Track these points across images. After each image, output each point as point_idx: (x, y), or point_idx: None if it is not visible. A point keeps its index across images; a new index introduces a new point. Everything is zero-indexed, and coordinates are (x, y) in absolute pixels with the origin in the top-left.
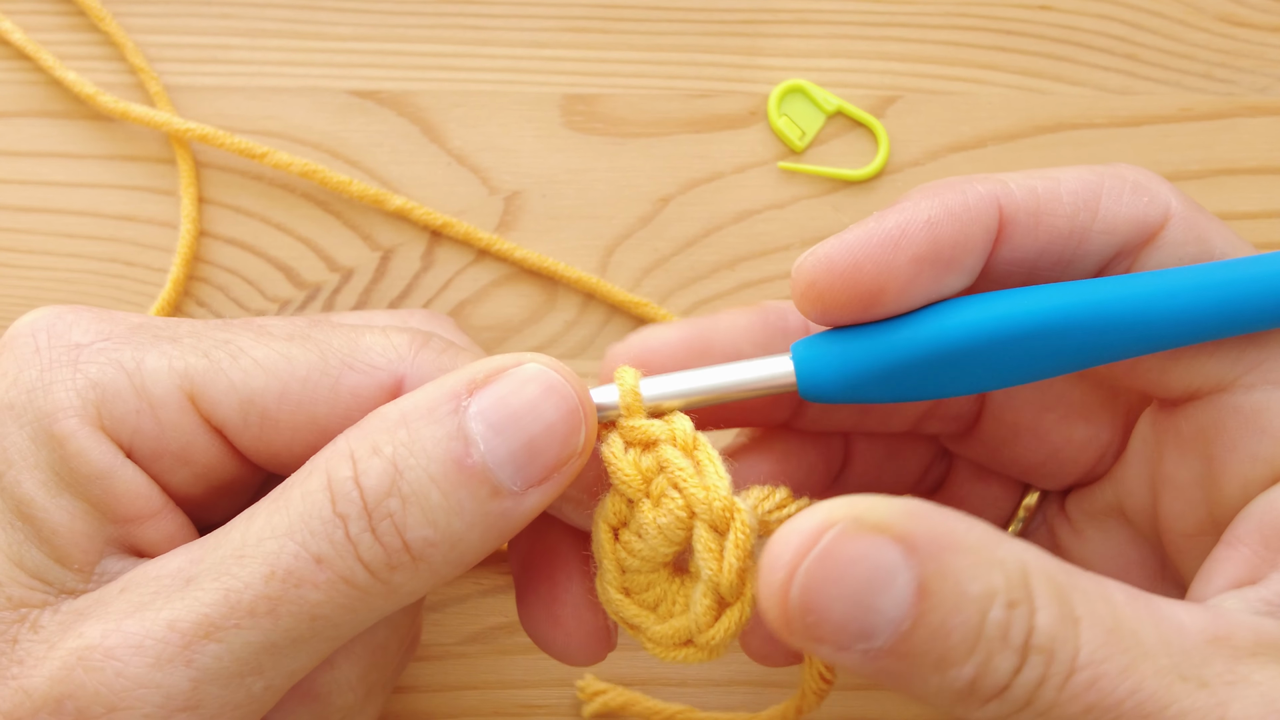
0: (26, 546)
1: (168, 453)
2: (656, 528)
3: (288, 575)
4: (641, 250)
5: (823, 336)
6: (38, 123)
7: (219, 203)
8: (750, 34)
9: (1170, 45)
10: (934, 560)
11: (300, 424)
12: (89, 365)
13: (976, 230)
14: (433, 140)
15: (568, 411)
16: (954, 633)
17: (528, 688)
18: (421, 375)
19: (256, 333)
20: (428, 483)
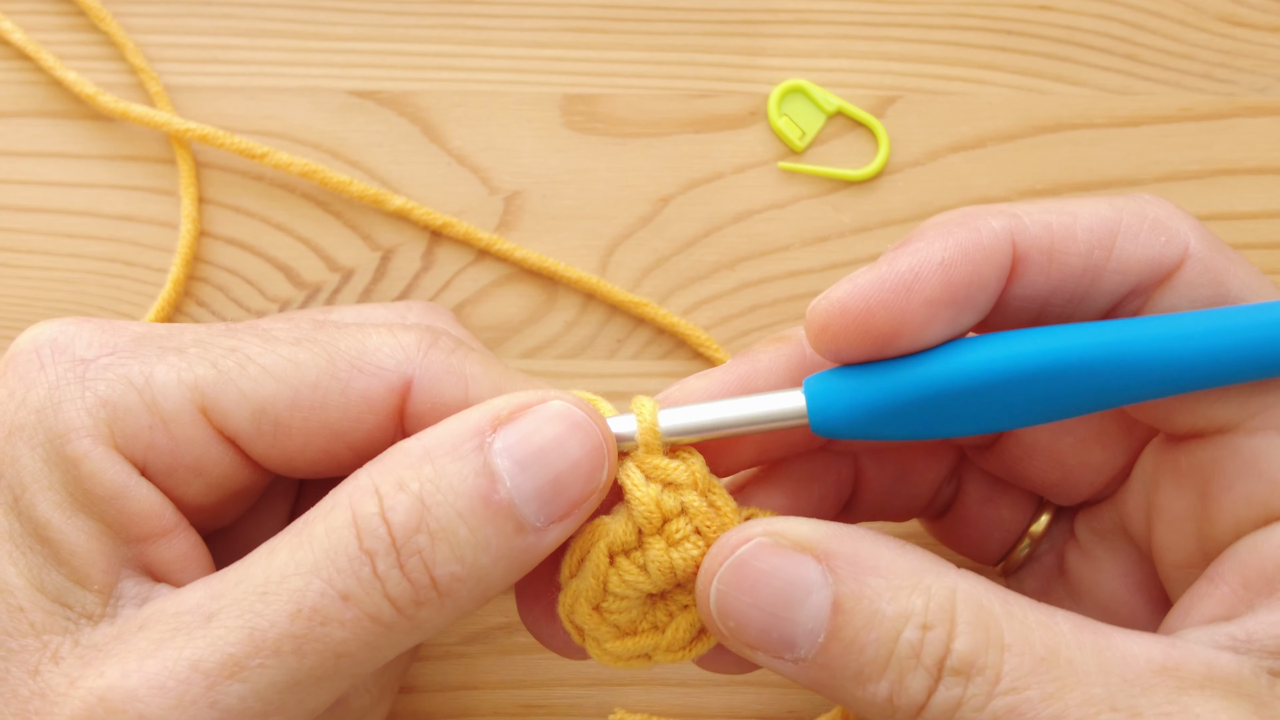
0: (46, 569)
1: (181, 466)
2: (668, 566)
3: (314, 613)
4: (641, 250)
5: (836, 372)
6: (38, 123)
7: (219, 203)
8: (750, 34)
9: (1170, 45)
10: (852, 580)
11: (312, 429)
12: (97, 382)
13: (990, 270)
14: (433, 140)
15: (592, 449)
16: (867, 649)
17: (528, 688)
18: (430, 376)
19: (262, 338)
20: (455, 519)
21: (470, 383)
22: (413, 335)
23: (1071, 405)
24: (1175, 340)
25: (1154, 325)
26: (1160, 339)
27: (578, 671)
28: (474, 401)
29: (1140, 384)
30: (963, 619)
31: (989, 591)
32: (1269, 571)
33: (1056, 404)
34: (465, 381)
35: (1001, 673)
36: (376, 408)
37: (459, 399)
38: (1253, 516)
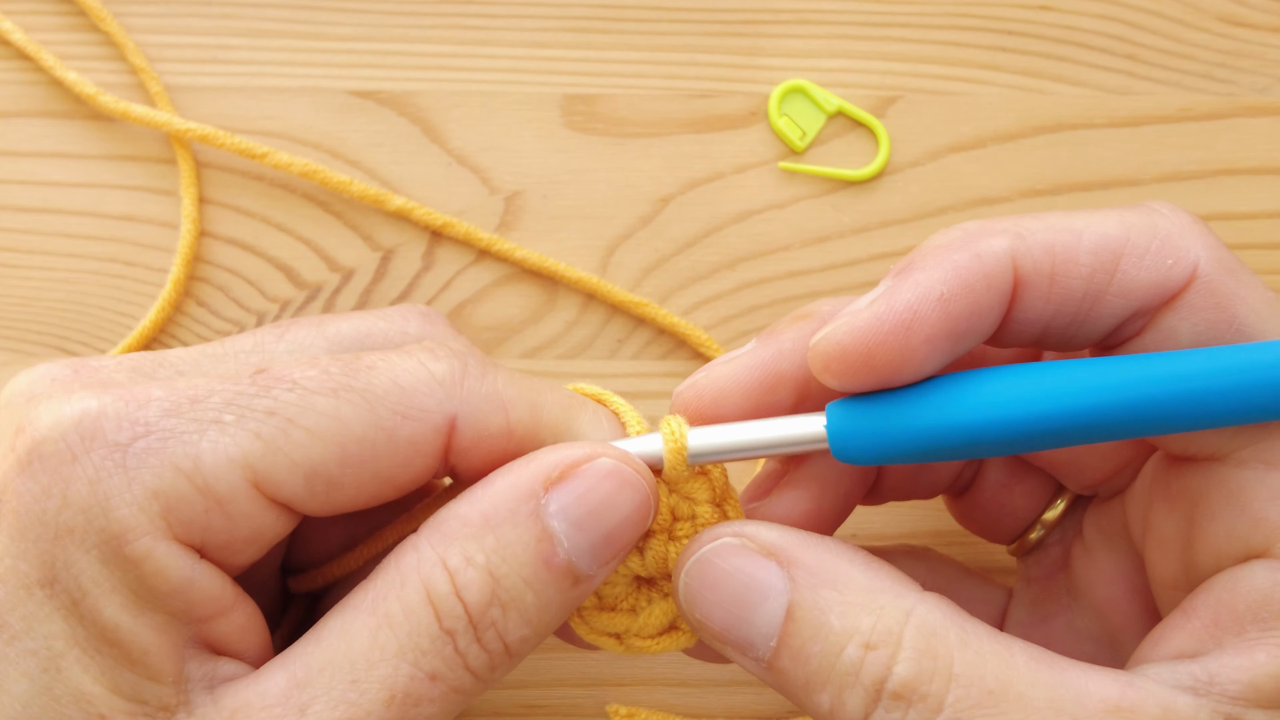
0: (119, 671)
1: (238, 540)
2: (664, 558)
3: (406, 697)
4: (642, 250)
5: (859, 401)
6: (38, 123)
7: (219, 203)
8: (750, 34)
9: (1170, 45)
10: (809, 589)
11: (364, 481)
12: (141, 470)
13: (992, 299)
14: (433, 140)
15: (641, 503)
16: (812, 660)
17: (528, 688)
18: (471, 409)
19: (297, 394)
20: (523, 587)
21: (509, 409)
22: (444, 365)
23: (1077, 441)
24: (1183, 382)
25: (1176, 365)
26: (1178, 378)
27: (578, 671)
28: (515, 427)
29: (1159, 426)
30: (909, 644)
31: (947, 618)
32: (1239, 610)
33: (1067, 441)
34: (504, 408)
35: (945, 703)
36: (424, 451)
37: (501, 427)
38: (1233, 551)
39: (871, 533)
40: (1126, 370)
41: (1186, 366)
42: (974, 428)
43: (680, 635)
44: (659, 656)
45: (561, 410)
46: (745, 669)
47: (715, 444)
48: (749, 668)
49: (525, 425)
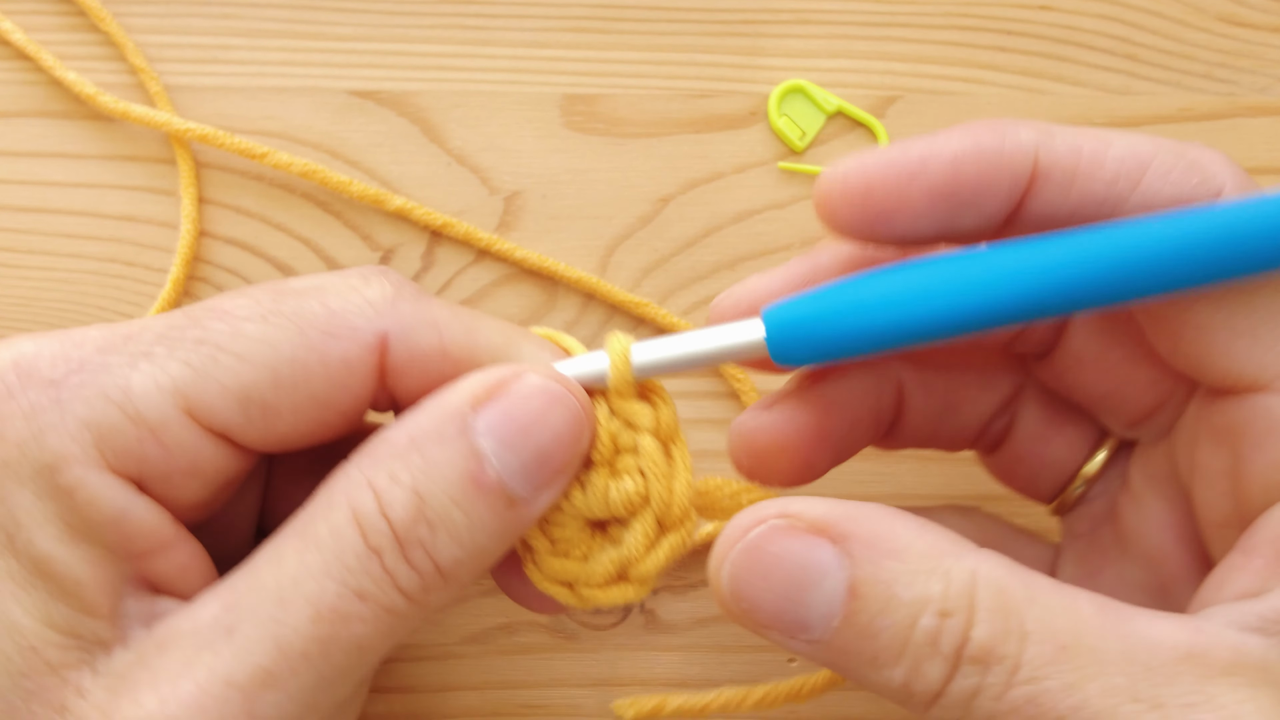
0: (52, 604)
1: (176, 472)
2: (605, 496)
3: (333, 614)
4: (642, 250)
5: (796, 302)
6: (38, 123)
7: (219, 203)
8: (750, 34)
9: (1170, 45)
10: (869, 563)
11: (299, 403)
12: (74, 403)
13: (1003, 177)
14: (433, 140)
15: (572, 419)
16: (882, 635)
17: (528, 688)
18: (403, 327)
19: (226, 323)
20: (450, 505)
21: (442, 329)
22: (376, 289)
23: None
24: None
25: (1133, 235)
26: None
27: (578, 671)
28: (449, 347)
29: (1126, 294)
30: (982, 605)
31: (1010, 574)
32: None
33: (1035, 316)
34: (438, 328)
35: (1021, 661)
36: (357, 369)
37: (435, 347)
38: None
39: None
40: (1060, 247)
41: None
42: (910, 322)
43: (629, 587)
44: (659, 657)
45: (500, 335)
46: (787, 648)
47: (659, 356)
48: (793, 647)
49: (461, 346)
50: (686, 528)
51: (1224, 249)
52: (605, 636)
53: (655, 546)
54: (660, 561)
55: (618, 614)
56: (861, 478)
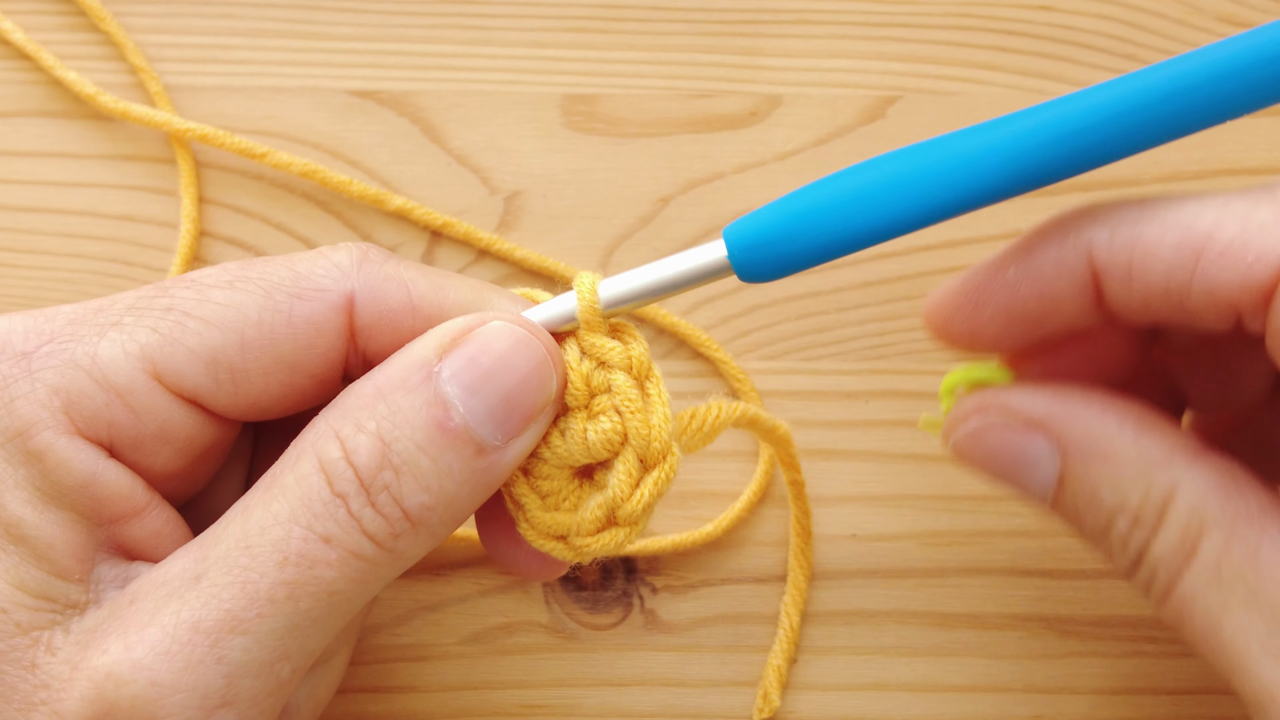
0: (24, 567)
1: (147, 437)
2: (584, 440)
3: (300, 558)
4: (641, 250)
5: (755, 217)
6: (38, 123)
7: (219, 203)
8: (750, 34)
9: (1170, 45)
10: (1079, 462)
11: (268, 367)
12: (44, 372)
13: (1063, 288)
14: (433, 140)
15: (538, 363)
16: (1085, 525)
17: (528, 688)
18: (370, 286)
19: (194, 290)
20: (416, 451)
21: (410, 285)
22: (343, 253)
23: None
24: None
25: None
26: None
27: (578, 672)
28: (418, 303)
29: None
30: (1171, 522)
31: (1210, 495)
32: None
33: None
34: (406, 286)
35: (1182, 572)
36: (325, 330)
37: (403, 303)
38: None
39: (872, 533)
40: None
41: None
42: (870, 225)
43: (619, 530)
44: (659, 656)
45: (470, 289)
46: None
47: (626, 288)
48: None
49: (430, 302)
50: (670, 463)
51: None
52: (605, 636)
53: (640, 485)
54: (646, 499)
55: (617, 614)
56: (861, 477)
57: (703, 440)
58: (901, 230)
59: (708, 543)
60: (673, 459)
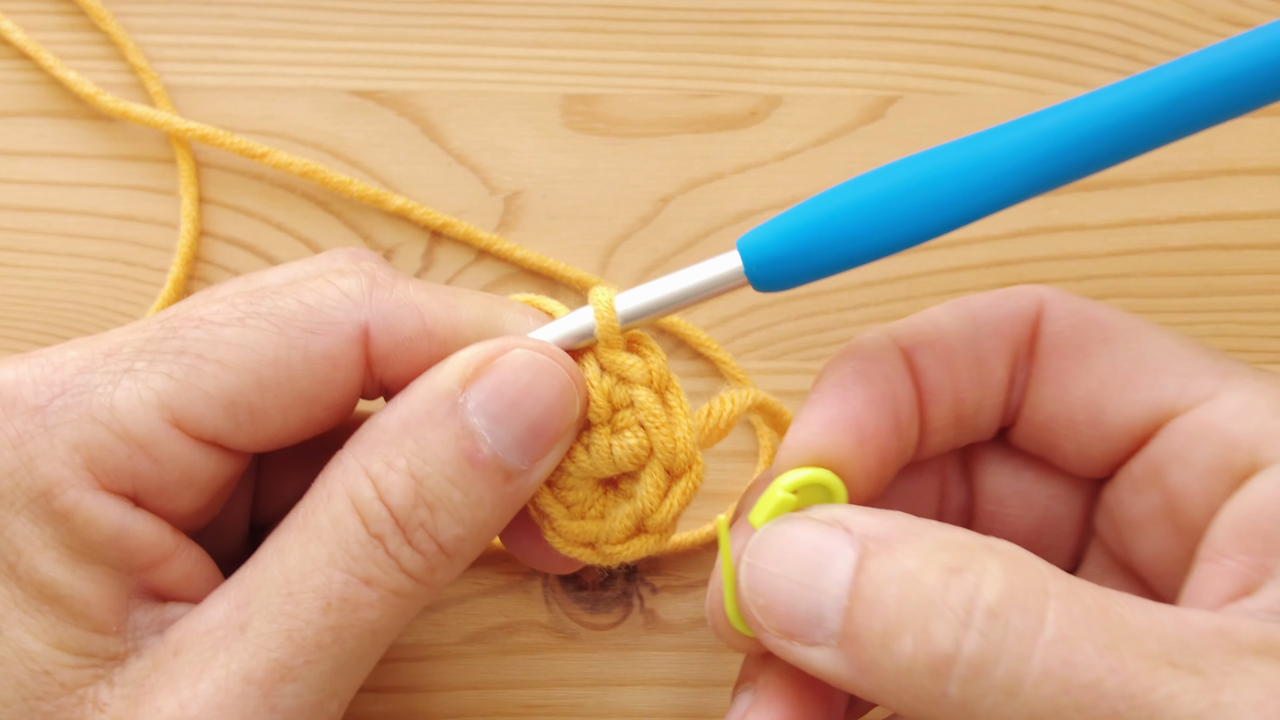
0: (62, 627)
1: (170, 483)
2: (609, 454)
3: (343, 603)
4: (642, 250)
5: (770, 227)
6: (38, 122)
7: (219, 202)
8: (750, 34)
9: (1171, 45)
10: (880, 543)
11: (287, 403)
12: (61, 427)
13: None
14: (433, 140)
15: (562, 389)
16: (890, 604)
17: (528, 688)
18: (383, 315)
19: (204, 330)
20: (448, 486)
21: (423, 310)
22: (351, 280)
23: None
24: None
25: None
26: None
27: (578, 671)
28: (431, 327)
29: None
30: (995, 566)
31: (1030, 554)
32: (1267, 530)
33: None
34: (418, 311)
35: (1045, 619)
36: (341, 363)
37: (417, 329)
38: (1221, 486)
39: None
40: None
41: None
42: (885, 237)
43: (649, 538)
44: (659, 656)
45: (481, 308)
46: (815, 671)
47: (643, 301)
48: (815, 661)
49: (444, 325)
50: (695, 471)
51: None
52: (605, 636)
53: (668, 495)
54: (675, 509)
55: (618, 614)
56: None
57: (720, 435)
58: (919, 240)
59: (708, 543)
60: (698, 467)
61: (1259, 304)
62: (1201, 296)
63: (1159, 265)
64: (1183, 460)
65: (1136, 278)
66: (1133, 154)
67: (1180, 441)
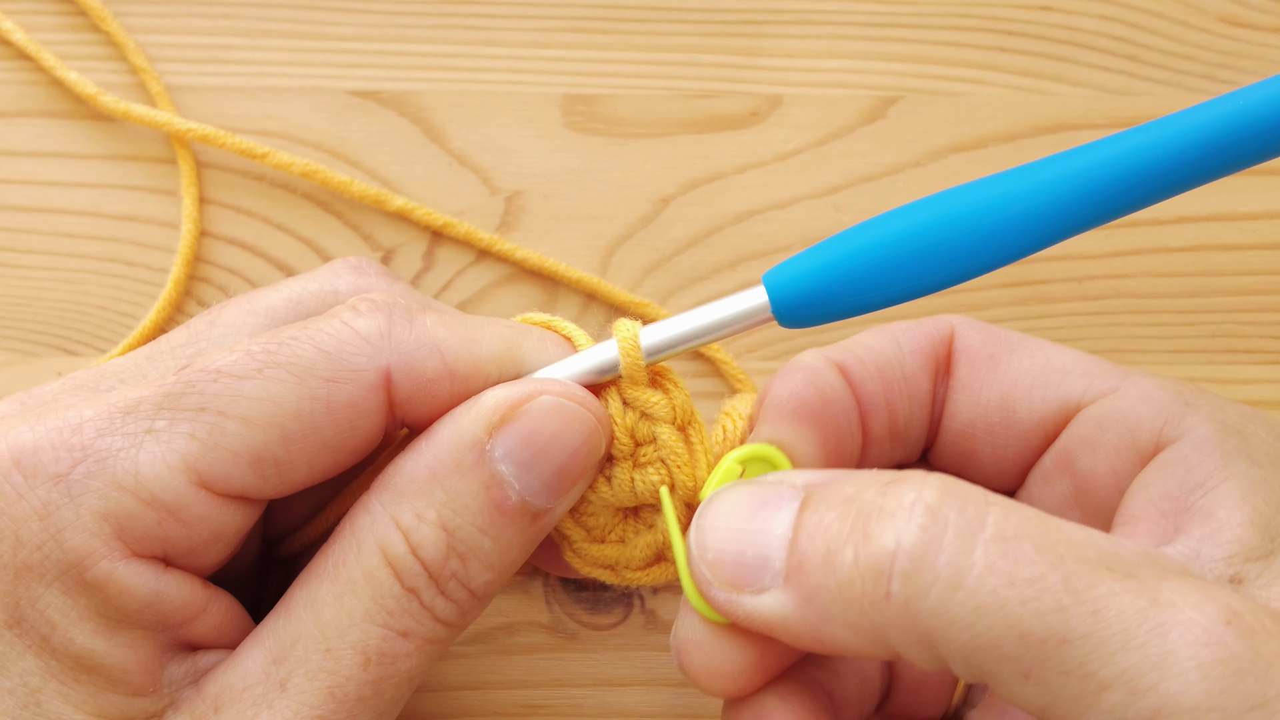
0: (101, 695)
1: (201, 542)
2: (631, 487)
3: (382, 657)
4: (642, 250)
5: (796, 263)
6: (39, 123)
7: (220, 203)
8: (751, 34)
9: (1171, 46)
10: (823, 486)
11: (312, 453)
12: (87, 496)
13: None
14: (434, 140)
15: (589, 434)
16: (830, 526)
17: (528, 688)
18: (404, 359)
19: (222, 384)
20: (478, 535)
21: (444, 349)
22: (368, 321)
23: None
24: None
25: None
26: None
27: (578, 671)
28: (453, 366)
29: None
30: (932, 479)
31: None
32: (1176, 493)
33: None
34: (439, 351)
35: (986, 520)
36: (365, 410)
37: (439, 370)
38: (1128, 466)
39: None
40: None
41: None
42: (912, 280)
43: (668, 566)
44: (659, 657)
45: (501, 341)
46: (756, 625)
47: (668, 336)
48: (765, 607)
49: (465, 363)
50: None
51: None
52: (605, 636)
53: (689, 528)
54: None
55: (618, 614)
56: None
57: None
58: (952, 284)
59: None
60: None
61: (1259, 304)
62: (1201, 297)
63: (1159, 265)
64: (1091, 445)
65: (1136, 278)
66: (1177, 192)
67: (1088, 429)
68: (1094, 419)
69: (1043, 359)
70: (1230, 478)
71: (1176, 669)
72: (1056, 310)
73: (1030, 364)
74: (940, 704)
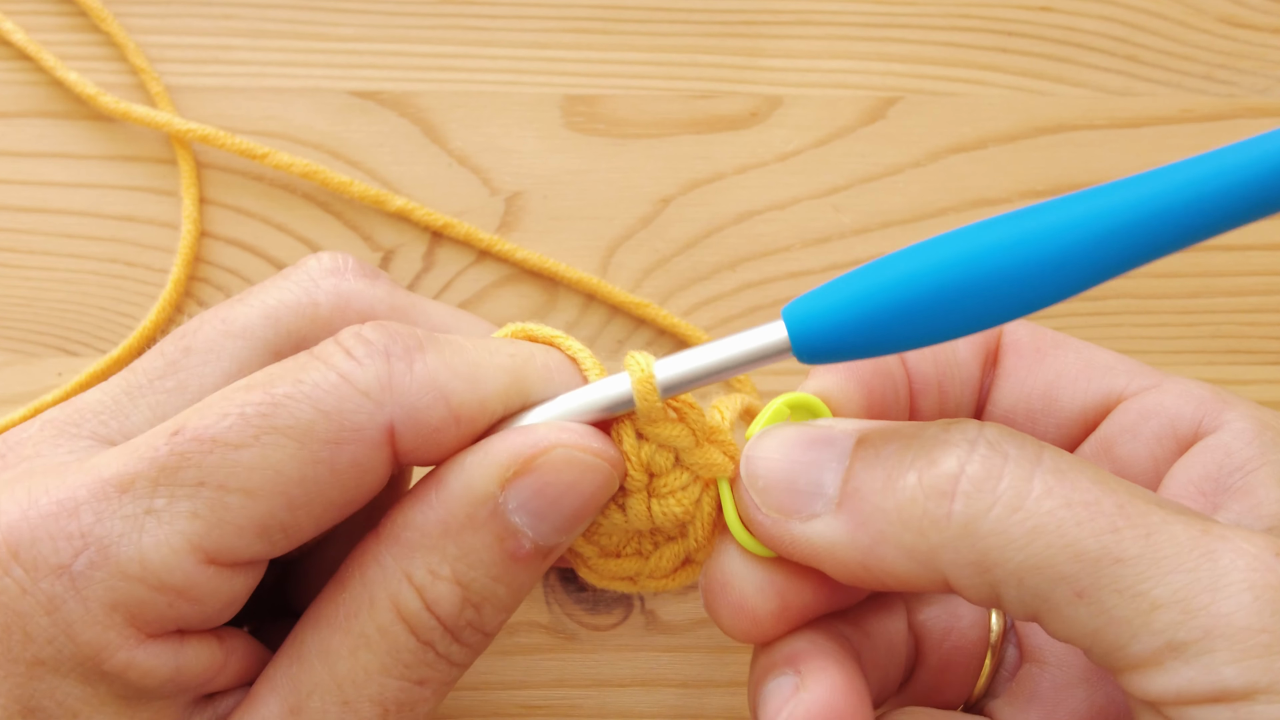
0: None
1: (214, 612)
2: (648, 516)
3: (400, 706)
4: (642, 251)
5: (816, 298)
6: (39, 123)
7: (220, 203)
8: (751, 34)
9: (1171, 46)
10: (874, 429)
11: (318, 515)
12: (92, 588)
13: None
14: (434, 141)
15: (604, 481)
16: (891, 455)
17: (528, 688)
18: (407, 409)
19: (218, 455)
20: (493, 584)
21: (448, 394)
22: (367, 372)
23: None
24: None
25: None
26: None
27: (578, 672)
28: (458, 411)
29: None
30: (989, 425)
31: None
32: (1216, 475)
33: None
34: (444, 397)
35: (1043, 456)
36: (369, 468)
37: (444, 418)
38: (1167, 453)
39: None
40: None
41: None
42: (935, 320)
43: (695, 568)
44: (659, 657)
45: (505, 375)
46: (801, 554)
47: (683, 370)
48: (814, 532)
49: (470, 406)
50: None
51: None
52: (605, 636)
53: (713, 533)
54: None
55: (618, 614)
56: None
57: None
58: (993, 325)
59: None
60: None
61: (1259, 304)
62: (1201, 297)
63: (1159, 265)
64: (1132, 433)
65: (1136, 278)
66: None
67: (1129, 419)
68: (1135, 410)
69: (1087, 355)
70: (1268, 464)
71: (1229, 590)
72: (1057, 310)
73: (1075, 359)
74: (964, 688)
